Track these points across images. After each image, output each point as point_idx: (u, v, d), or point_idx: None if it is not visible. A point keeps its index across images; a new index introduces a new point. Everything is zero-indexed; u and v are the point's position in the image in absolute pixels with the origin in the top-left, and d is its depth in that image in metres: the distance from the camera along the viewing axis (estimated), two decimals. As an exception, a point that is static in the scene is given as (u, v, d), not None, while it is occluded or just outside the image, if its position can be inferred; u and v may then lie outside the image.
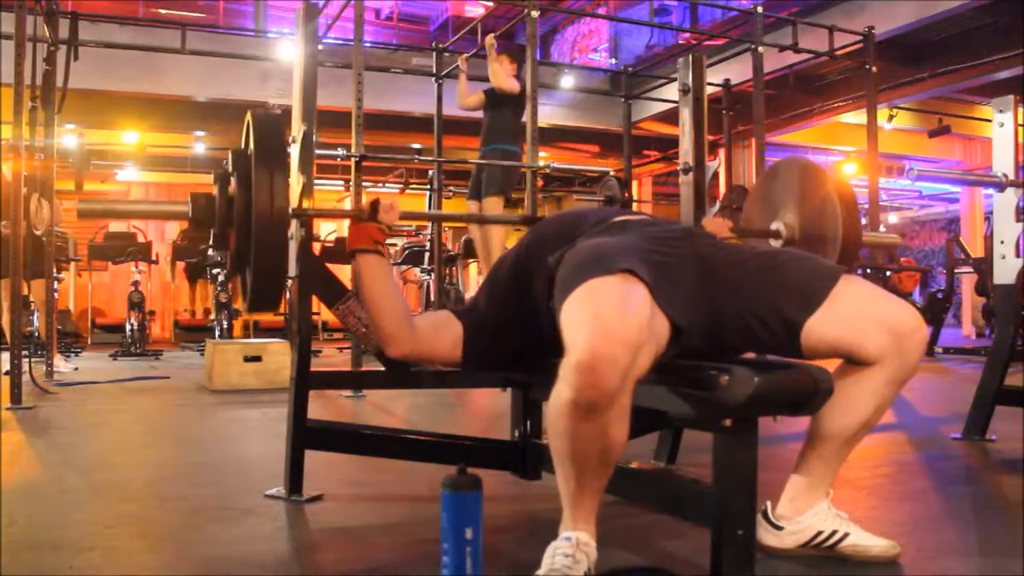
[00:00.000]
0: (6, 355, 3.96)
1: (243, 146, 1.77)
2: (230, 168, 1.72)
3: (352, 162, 4.31)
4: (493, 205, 5.41)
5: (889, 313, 1.46)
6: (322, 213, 2.01)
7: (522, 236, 1.83)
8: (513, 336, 1.72)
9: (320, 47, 4.55)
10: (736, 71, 7.53)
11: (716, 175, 9.33)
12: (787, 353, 1.50)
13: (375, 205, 1.78)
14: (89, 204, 1.80)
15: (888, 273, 8.26)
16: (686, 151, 2.37)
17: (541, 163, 4.77)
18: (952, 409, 3.58)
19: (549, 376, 1.29)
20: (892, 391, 1.49)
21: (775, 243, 2.15)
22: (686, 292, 1.46)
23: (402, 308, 1.74)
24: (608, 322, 1.23)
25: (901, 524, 1.88)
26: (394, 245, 9.76)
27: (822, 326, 1.46)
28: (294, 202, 2.00)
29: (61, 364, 5.56)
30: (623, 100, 7.70)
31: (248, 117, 1.75)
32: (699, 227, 2.09)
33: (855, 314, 1.46)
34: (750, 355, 1.63)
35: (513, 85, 5.38)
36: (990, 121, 2.94)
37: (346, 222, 1.89)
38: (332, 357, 7.32)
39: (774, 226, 2.14)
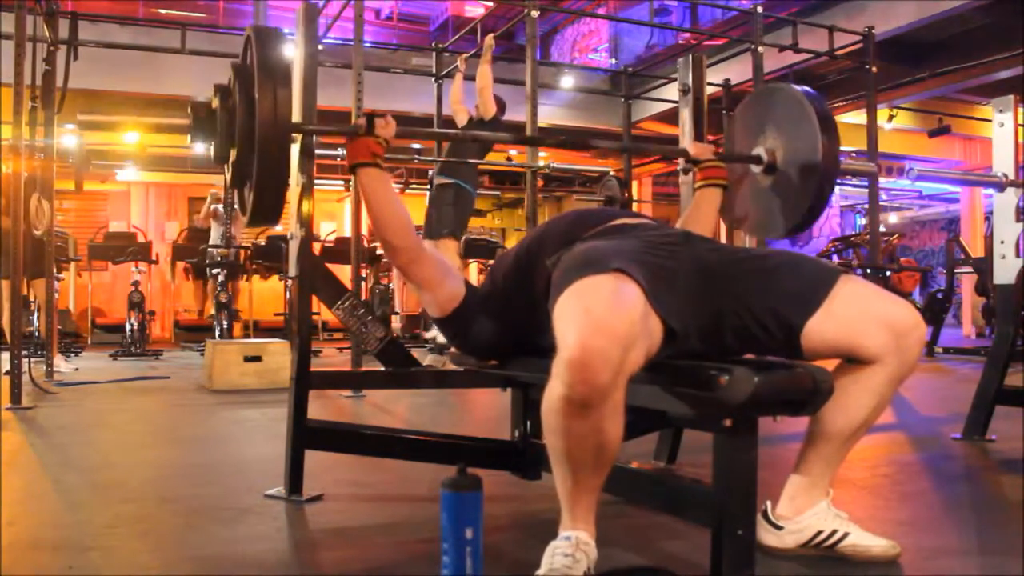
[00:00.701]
0: (6, 355, 3.96)
1: (243, 61, 1.77)
2: (231, 82, 1.72)
3: (351, 174, 4.31)
4: (446, 248, 5.31)
5: (888, 311, 1.46)
6: (321, 130, 2.02)
7: (523, 236, 1.84)
8: (506, 331, 1.74)
9: (320, 47, 4.55)
10: (736, 71, 7.53)
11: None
12: (787, 355, 1.50)
13: (371, 119, 1.83)
14: (90, 116, 1.81)
15: (888, 273, 8.26)
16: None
17: (541, 163, 4.77)
18: (952, 409, 3.58)
19: (545, 377, 1.29)
20: (891, 389, 1.49)
21: (756, 169, 2.17)
22: (682, 295, 1.46)
23: (406, 219, 1.80)
24: (598, 318, 1.23)
25: (901, 524, 1.88)
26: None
27: (821, 328, 1.46)
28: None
29: (61, 364, 5.56)
30: (623, 100, 7.70)
31: (249, 31, 1.76)
32: (687, 168, 2.12)
33: (854, 314, 1.46)
34: (749, 356, 1.63)
35: (492, 104, 5.32)
36: (990, 121, 2.94)
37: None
38: (332, 357, 7.32)
39: (756, 151, 2.16)
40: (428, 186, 7.27)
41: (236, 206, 1.92)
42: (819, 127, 2.02)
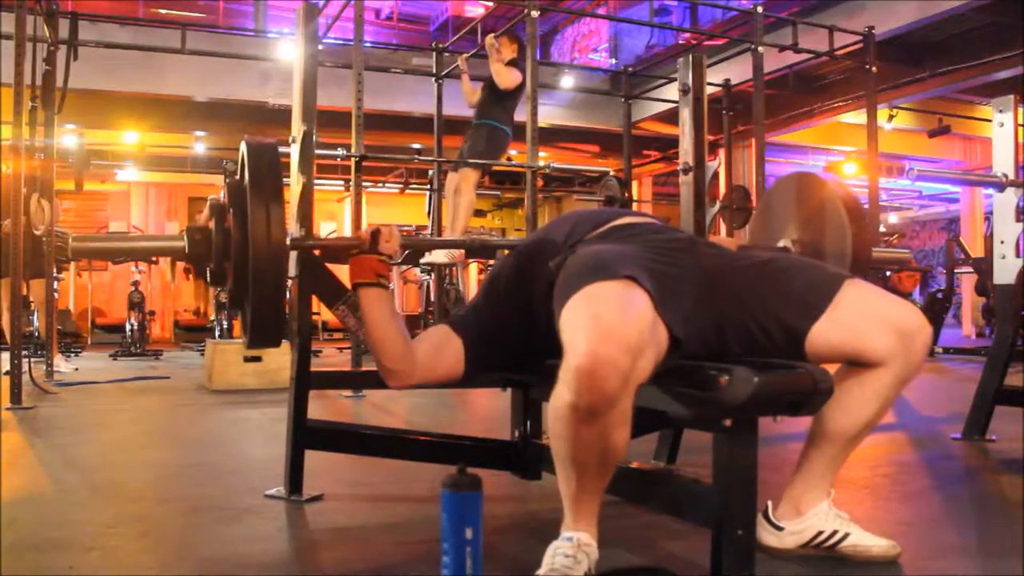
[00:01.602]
0: (6, 355, 3.96)
1: (239, 176, 1.74)
2: (226, 200, 1.68)
3: (352, 162, 4.31)
4: (465, 177, 5.44)
5: (894, 314, 1.45)
6: (321, 244, 1.96)
7: (522, 239, 1.82)
8: (512, 341, 1.71)
9: (320, 47, 4.55)
10: (736, 71, 7.53)
11: (716, 175, 9.33)
12: (791, 360, 1.49)
13: (375, 236, 1.73)
14: (83, 243, 1.77)
15: (888, 273, 8.26)
16: (686, 151, 2.37)
17: (541, 163, 4.77)
18: (952, 409, 3.58)
19: (549, 377, 1.29)
20: (895, 392, 1.49)
21: None
22: (687, 303, 1.45)
23: (404, 342, 1.69)
24: (608, 325, 1.22)
25: (901, 524, 1.88)
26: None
27: (826, 333, 1.45)
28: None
29: (61, 364, 5.56)
30: (623, 100, 7.70)
31: (243, 147, 1.71)
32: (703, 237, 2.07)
33: (859, 318, 1.46)
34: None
35: (515, 78, 5.39)
36: (990, 121, 2.94)
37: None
38: (332, 357, 7.32)
39: (781, 243, 2.12)
40: (428, 186, 7.28)
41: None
42: (847, 217, 1.94)
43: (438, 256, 5.60)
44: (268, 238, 1.60)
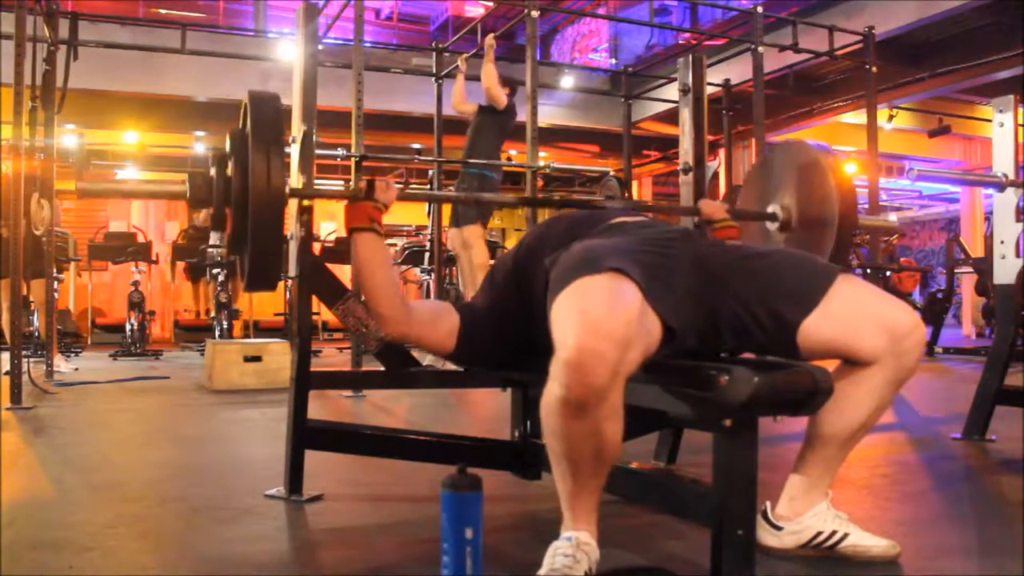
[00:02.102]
0: (6, 355, 3.96)
1: (241, 127, 1.77)
2: (228, 149, 1.72)
3: (352, 162, 4.31)
4: (472, 233, 5.41)
5: (886, 313, 1.46)
6: (319, 193, 2.01)
7: (522, 237, 1.83)
8: (509, 336, 1.73)
9: (320, 47, 4.55)
10: (736, 71, 7.53)
11: (716, 175, 9.34)
12: (783, 354, 1.49)
13: (371, 184, 1.80)
14: (90, 185, 1.81)
15: (888, 273, 8.26)
16: (686, 151, 2.37)
17: (541, 163, 4.77)
18: (952, 409, 3.58)
19: (544, 375, 1.29)
20: (891, 392, 1.49)
21: (771, 226, 2.15)
22: (680, 293, 1.46)
23: (396, 289, 1.77)
24: (595, 318, 1.23)
25: (901, 524, 1.88)
26: (394, 245, 9.76)
27: (818, 326, 1.46)
28: (294, 182, 2.00)
29: (61, 364, 5.56)
30: (623, 100, 7.70)
31: (245, 98, 1.76)
32: (698, 228, 2.09)
33: (851, 314, 1.46)
34: (748, 355, 1.63)
35: (502, 96, 5.37)
36: (990, 121, 2.94)
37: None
38: (332, 357, 7.32)
39: (770, 208, 2.14)
40: (428, 186, 7.29)
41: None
42: (835, 185, 1.97)
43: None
44: (268, 185, 1.65)
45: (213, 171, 1.74)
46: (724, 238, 2.05)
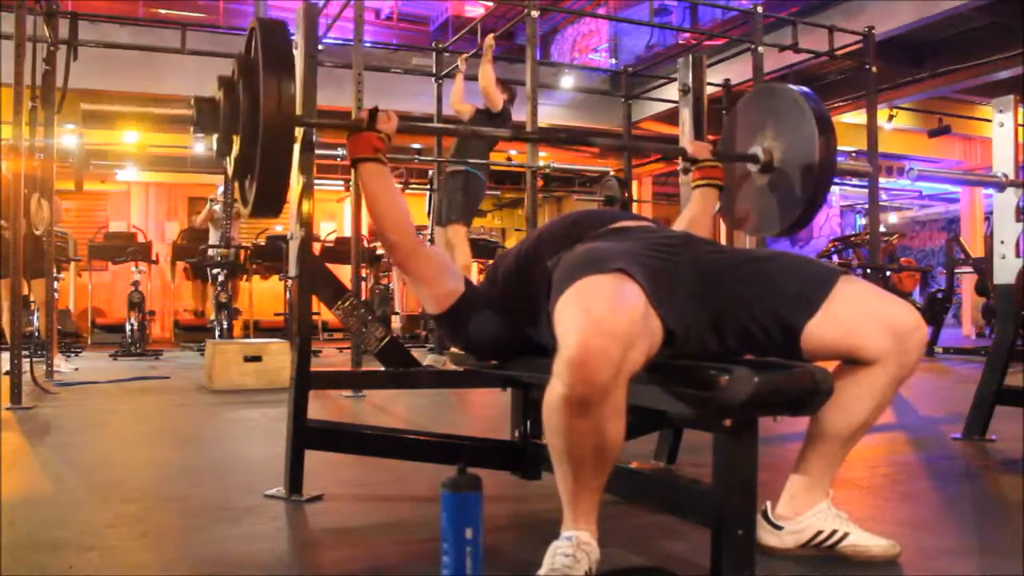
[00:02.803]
0: (6, 355, 3.96)
1: (247, 53, 1.77)
2: (235, 75, 1.72)
3: (352, 168, 4.31)
4: (456, 232, 5.40)
5: (888, 312, 1.46)
6: (324, 124, 2.03)
7: (523, 237, 1.83)
8: (505, 331, 1.74)
9: (320, 47, 4.55)
10: (736, 71, 7.53)
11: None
12: (786, 357, 1.49)
13: (373, 114, 1.82)
14: (94, 107, 1.82)
15: (888, 273, 8.26)
16: (686, 151, 2.37)
17: (541, 163, 4.77)
18: (952, 409, 3.58)
19: (545, 375, 1.29)
20: (892, 391, 1.49)
21: (753, 167, 2.17)
22: (682, 297, 1.46)
23: (405, 217, 1.80)
24: (598, 317, 1.23)
25: (901, 524, 1.88)
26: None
27: (821, 329, 1.46)
28: (294, 182, 2.01)
29: (62, 364, 5.56)
30: (623, 100, 7.70)
31: (254, 23, 1.76)
32: (684, 166, 2.13)
33: (854, 315, 1.46)
34: (749, 356, 1.63)
35: (498, 98, 5.36)
36: (990, 121, 2.94)
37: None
38: (332, 357, 7.32)
39: (752, 150, 2.16)
40: (428, 186, 7.29)
41: (237, 200, 1.91)
42: (816, 126, 2.02)
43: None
44: (279, 110, 1.65)
45: (220, 96, 1.74)
46: (708, 177, 2.14)
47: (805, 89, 2.11)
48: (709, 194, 2.16)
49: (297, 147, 2.05)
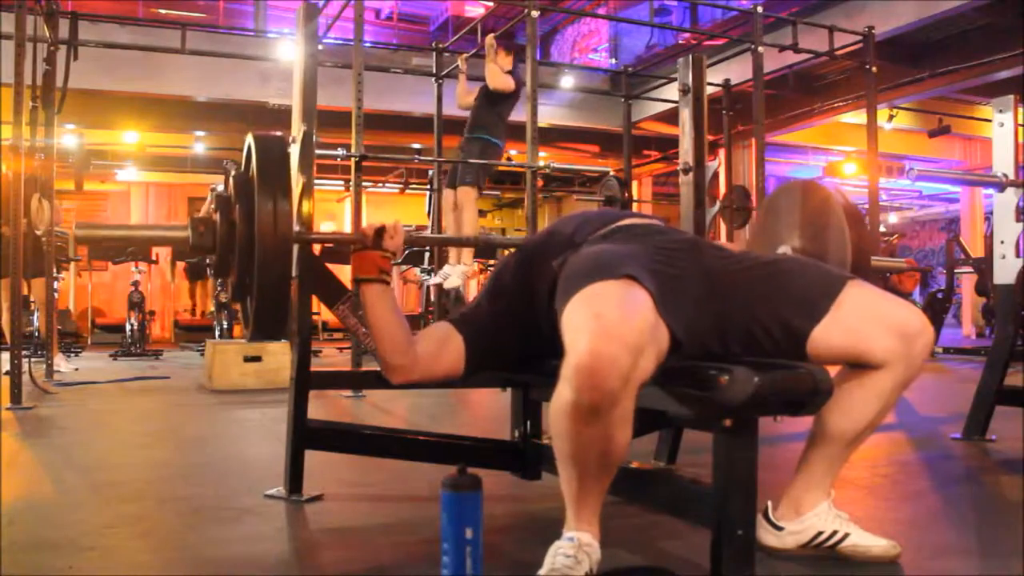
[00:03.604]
0: (6, 355, 3.96)
1: (244, 169, 1.74)
2: (232, 192, 1.69)
3: (352, 162, 4.31)
4: (465, 195, 5.39)
5: (896, 316, 1.45)
6: (324, 239, 1.97)
7: (525, 239, 1.82)
8: (514, 339, 1.71)
9: (320, 47, 4.55)
10: (736, 71, 7.53)
11: (716, 175, 9.33)
12: (792, 361, 1.49)
13: (380, 232, 1.73)
14: (87, 230, 1.78)
15: (888, 273, 8.25)
16: (686, 151, 2.38)
17: (541, 163, 4.77)
18: (952, 409, 3.58)
19: (550, 377, 1.29)
20: (897, 394, 1.48)
21: None
22: (688, 302, 1.45)
23: (405, 337, 1.70)
24: (609, 323, 1.22)
25: (901, 524, 1.88)
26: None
27: (828, 334, 1.45)
28: (293, 184, 1.99)
29: (62, 364, 5.56)
30: (623, 100, 7.70)
31: (249, 139, 1.72)
32: (704, 238, 2.08)
33: (861, 320, 1.45)
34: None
35: (508, 83, 5.37)
36: (990, 121, 2.94)
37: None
38: (332, 357, 7.32)
39: (781, 249, 2.12)
40: (428, 186, 7.29)
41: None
42: (847, 226, 1.93)
43: (453, 281, 5.56)
44: (275, 231, 1.61)
45: (216, 216, 1.70)
46: None
47: (834, 183, 2.05)
48: None
49: (296, 146, 2.05)
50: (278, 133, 1.76)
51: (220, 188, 8.84)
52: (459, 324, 1.72)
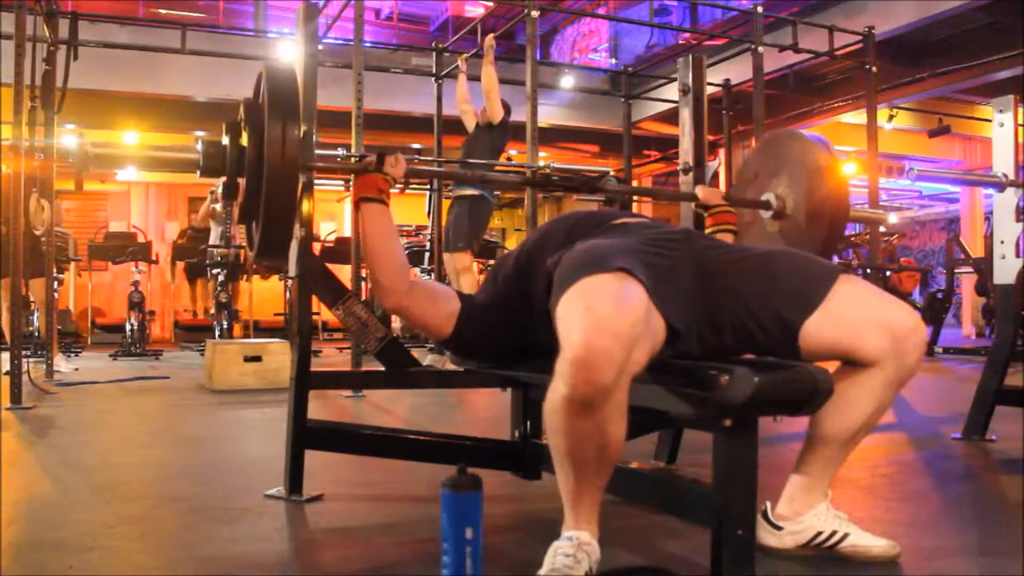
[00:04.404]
0: (6, 355, 3.96)
1: (255, 97, 1.78)
2: (242, 118, 1.73)
3: (352, 162, 4.31)
4: (460, 260, 5.36)
5: (887, 314, 1.46)
6: (330, 167, 2.04)
7: (524, 238, 1.84)
8: (507, 332, 1.74)
9: (320, 47, 4.55)
10: (736, 71, 7.53)
11: (716, 175, 9.33)
12: (785, 355, 1.49)
13: (381, 157, 1.85)
14: (97, 149, 1.83)
15: (888, 273, 8.26)
16: (686, 151, 2.38)
17: (541, 163, 4.77)
18: (952, 409, 3.58)
19: (547, 375, 1.29)
20: (891, 392, 1.49)
21: (765, 214, 2.16)
22: (683, 294, 1.46)
23: (400, 261, 1.80)
24: (602, 317, 1.23)
25: (901, 524, 1.88)
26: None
27: (819, 328, 1.46)
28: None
29: (62, 364, 5.56)
30: (623, 100, 7.71)
31: (262, 69, 1.78)
32: (696, 212, 2.13)
33: (853, 316, 1.46)
34: (749, 356, 1.63)
35: (498, 106, 5.33)
36: (990, 121, 2.94)
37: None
38: (332, 357, 7.32)
39: (765, 196, 2.15)
40: (428, 186, 7.28)
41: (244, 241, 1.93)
42: (828, 176, 2.01)
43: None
44: (283, 156, 1.66)
45: (226, 140, 1.75)
46: (721, 223, 2.11)
47: (818, 136, 2.11)
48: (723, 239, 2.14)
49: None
50: (288, 66, 1.82)
51: (220, 189, 8.87)
52: (461, 296, 1.81)
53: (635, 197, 9.92)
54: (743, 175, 2.31)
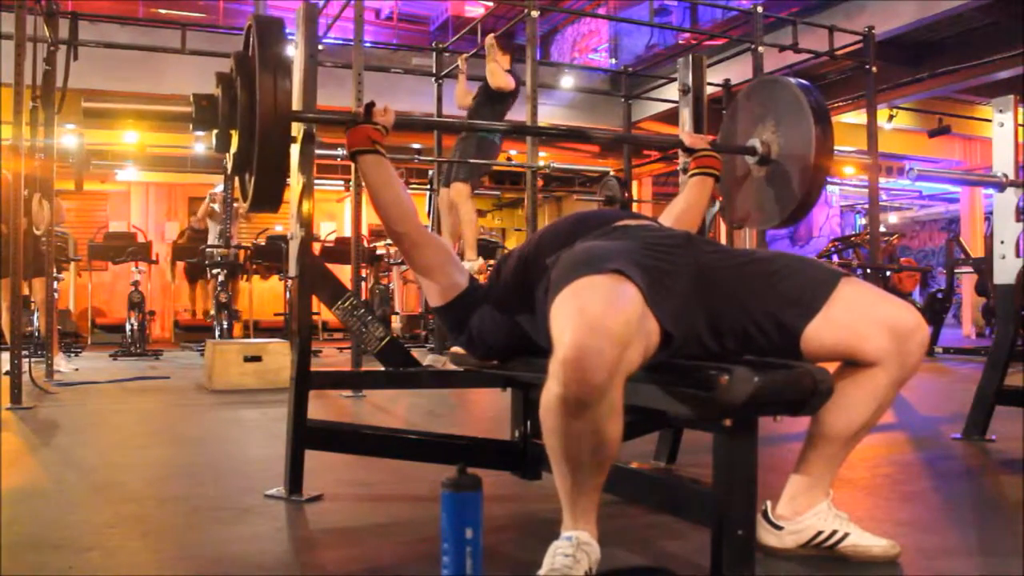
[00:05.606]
0: (6, 355, 3.96)
1: (245, 49, 1.80)
2: (233, 72, 1.74)
3: (352, 162, 4.31)
4: (459, 191, 5.35)
5: (889, 314, 1.45)
6: (320, 118, 2.04)
7: (527, 238, 1.84)
8: (501, 326, 1.74)
9: (320, 47, 4.55)
10: (736, 71, 7.53)
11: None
12: (785, 358, 1.49)
13: (369, 108, 1.88)
14: (94, 103, 1.84)
15: (888, 273, 8.26)
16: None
17: (541, 163, 4.77)
18: (952, 409, 3.58)
19: (544, 376, 1.29)
20: (892, 392, 1.49)
21: (751, 159, 2.17)
22: (681, 299, 1.45)
23: (407, 205, 1.85)
24: (593, 317, 1.23)
25: (901, 524, 1.88)
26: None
27: (821, 332, 1.45)
28: (294, 182, 2.02)
29: (62, 364, 5.56)
30: (623, 100, 7.70)
31: (251, 20, 1.80)
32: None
33: (854, 317, 1.46)
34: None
35: (509, 82, 5.36)
36: (990, 121, 2.94)
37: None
38: (332, 357, 7.32)
39: (751, 142, 2.17)
40: (428, 185, 7.29)
41: (238, 199, 1.95)
42: (813, 119, 2.03)
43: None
44: (274, 106, 1.68)
45: (218, 92, 1.76)
46: (704, 166, 2.15)
47: (804, 82, 2.13)
48: (705, 183, 2.17)
49: (296, 147, 2.05)
50: (278, 17, 1.86)
51: (219, 190, 8.86)
52: (472, 280, 1.84)
53: (635, 197, 9.93)
54: (728, 121, 2.34)
